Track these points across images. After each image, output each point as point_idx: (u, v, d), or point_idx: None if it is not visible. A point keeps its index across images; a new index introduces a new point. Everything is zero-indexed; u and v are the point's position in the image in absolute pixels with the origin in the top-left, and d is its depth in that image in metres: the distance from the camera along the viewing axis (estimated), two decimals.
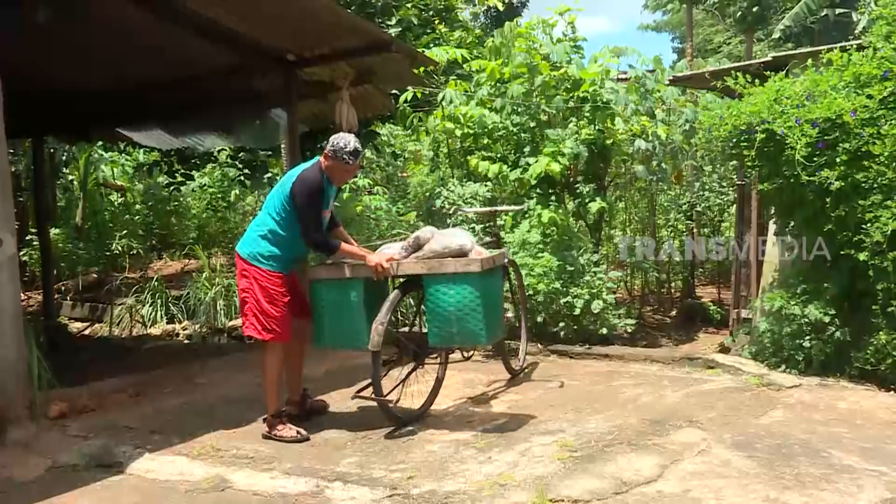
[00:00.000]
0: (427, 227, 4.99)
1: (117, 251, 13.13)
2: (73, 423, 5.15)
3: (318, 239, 4.72)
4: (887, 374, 5.34)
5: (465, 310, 4.50)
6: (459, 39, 11.23)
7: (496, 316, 4.76)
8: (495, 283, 4.84)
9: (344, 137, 4.75)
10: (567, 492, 3.65)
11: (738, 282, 7.62)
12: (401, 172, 11.82)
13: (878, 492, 3.55)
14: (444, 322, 4.57)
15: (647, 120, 8.29)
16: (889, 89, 5.34)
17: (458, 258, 4.59)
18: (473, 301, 4.48)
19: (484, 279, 4.54)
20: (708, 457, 4.09)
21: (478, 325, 4.50)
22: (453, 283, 4.51)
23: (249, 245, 4.81)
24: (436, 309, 4.59)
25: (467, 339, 4.62)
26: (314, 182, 4.68)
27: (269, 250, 4.75)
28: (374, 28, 7.47)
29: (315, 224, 4.69)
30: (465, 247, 4.63)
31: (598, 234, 8.69)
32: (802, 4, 18.30)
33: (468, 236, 4.77)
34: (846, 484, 3.64)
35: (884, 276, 5.29)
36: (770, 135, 5.69)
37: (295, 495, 3.82)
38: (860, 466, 3.86)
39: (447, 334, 4.60)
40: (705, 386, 5.67)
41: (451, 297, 4.52)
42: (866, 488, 3.59)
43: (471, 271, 4.50)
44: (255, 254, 4.76)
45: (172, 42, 7.17)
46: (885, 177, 5.22)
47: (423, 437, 4.65)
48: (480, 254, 4.68)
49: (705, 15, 29.61)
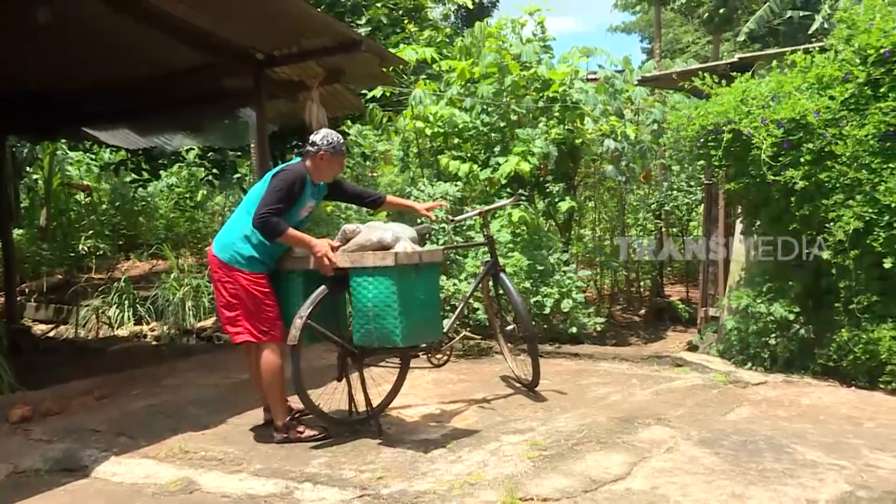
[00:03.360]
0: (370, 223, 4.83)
1: (83, 252, 12.96)
2: (36, 427, 5.07)
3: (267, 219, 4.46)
4: (849, 370, 5.44)
5: (381, 305, 4.32)
6: (429, 39, 11.24)
7: (421, 316, 4.51)
8: (424, 281, 4.56)
9: (331, 132, 4.79)
10: (537, 490, 3.67)
11: (706, 280, 7.69)
12: (371, 172, 11.81)
13: (839, 485, 3.62)
14: (364, 318, 4.40)
15: (617, 120, 8.36)
16: (850, 91, 5.44)
17: (378, 251, 4.41)
18: (389, 297, 4.30)
19: (404, 275, 4.35)
20: (675, 454, 4.13)
21: (393, 323, 4.30)
22: (371, 277, 4.34)
23: (229, 247, 4.67)
24: (357, 304, 4.42)
25: (384, 337, 4.38)
26: (296, 176, 4.62)
27: (251, 252, 4.62)
28: (343, 27, 7.45)
29: (272, 210, 4.51)
30: (384, 240, 4.44)
31: (567, 233, 8.76)
32: (767, 7, 18.56)
33: (397, 230, 4.57)
34: (809, 478, 3.70)
35: (846, 274, 5.39)
36: (736, 135, 5.76)
37: (264, 497, 3.80)
38: (822, 461, 3.93)
39: (366, 331, 4.42)
40: (673, 384, 5.74)
41: (369, 292, 4.35)
42: (828, 482, 3.66)
43: (386, 265, 4.30)
44: (237, 256, 4.63)
45: (139, 40, 7.10)
46: (847, 177, 5.32)
47: (393, 437, 4.64)
48: (405, 249, 4.44)
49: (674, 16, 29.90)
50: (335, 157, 4.73)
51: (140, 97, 8.78)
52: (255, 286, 4.62)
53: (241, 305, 4.64)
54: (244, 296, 4.62)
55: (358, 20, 10.40)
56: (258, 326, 4.62)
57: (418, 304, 4.47)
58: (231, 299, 4.65)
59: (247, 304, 4.63)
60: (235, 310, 4.65)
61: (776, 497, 3.49)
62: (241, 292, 4.62)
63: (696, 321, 7.88)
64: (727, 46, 22.97)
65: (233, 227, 4.74)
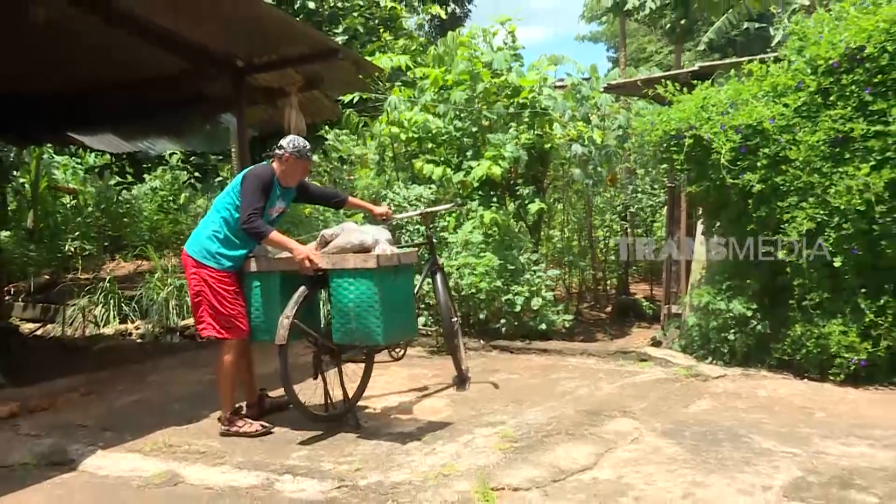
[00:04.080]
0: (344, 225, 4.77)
1: (69, 253, 12.84)
2: (24, 423, 5.03)
3: (254, 222, 4.52)
4: (802, 363, 5.51)
5: (363, 305, 4.34)
6: (404, 47, 11.22)
7: (399, 316, 4.54)
8: (401, 282, 4.59)
9: (298, 137, 4.87)
10: (508, 480, 3.69)
11: (669, 279, 7.74)
12: (347, 175, 11.78)
13: (792, 471, 3.68)
14: (344, 318, 4.41)
15: (584, 125, 8.39)
16: (802, 99, 5.51)
17: (359, 254, 4.43)
18: (371, 297, 4.32)
19: (384, 276, 4.37)
20: (640, 445, 4.17)
21: (375, 322, 4.32)
22: (353, 279, 4.36)
23: (198, 244, 4.72)
24: (337, 304, 4.43)
25: (365, 336, 4.40)
26: (264, 176, 4.67)
27: (218, 249, 4.67)
28: (321, 36, 7.44)
29: (256, 210, 4.56)
30: (365, 242, 4.46)
31: (537, 234, 8.77)
32: (725, 18, 18.76)
33: (376, 233, 4.59)
34: (764, 466, 3.76)
35: (800, 272, 5.46)
36: (697, 140, 5.82)
37: (246, 488, 3.79)
38: (777, 449, 3.99)
39: (347, 330, 4.43)
40: (638, 378, 5.78)
41: (350, 293, 4.37)
42: (782, 469, 3.71)
43: (368, 267, 4.33)
44: (204, 253, 4.68)
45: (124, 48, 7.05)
46: (801, 180, 5.39)
47: (370, 430, 4.65)
48: (385, 251, 4.47)
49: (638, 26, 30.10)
50: (300, 161, 4.78)
51: (124, 103, 8.69)
52: (220, 284, 4.67)
53: (205, 301, 4.69)
54: (209, 292, 4.66)
55: (335, 29, 10.37)
56: (220, 322, 4.67)
57: (397, 303, 4.50)
58: (196, 295, 4.72)
59: (211, 301, 4.67)
60: (200, 305, 4.71)
61: (734, 483, 3.54)
62: (206, 289, 4.67)
63: (660, 318, 7.92)
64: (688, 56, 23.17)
65: (203, 226, 4.80)
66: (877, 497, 3.35)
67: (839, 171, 5.26)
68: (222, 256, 4.68)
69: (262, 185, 4.63)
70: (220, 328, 4.68)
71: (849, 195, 5.17)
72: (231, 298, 4.68)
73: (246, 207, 4.55)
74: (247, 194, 4.59)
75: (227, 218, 4.70)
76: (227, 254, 4.69)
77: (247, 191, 4.60)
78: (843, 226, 5.23)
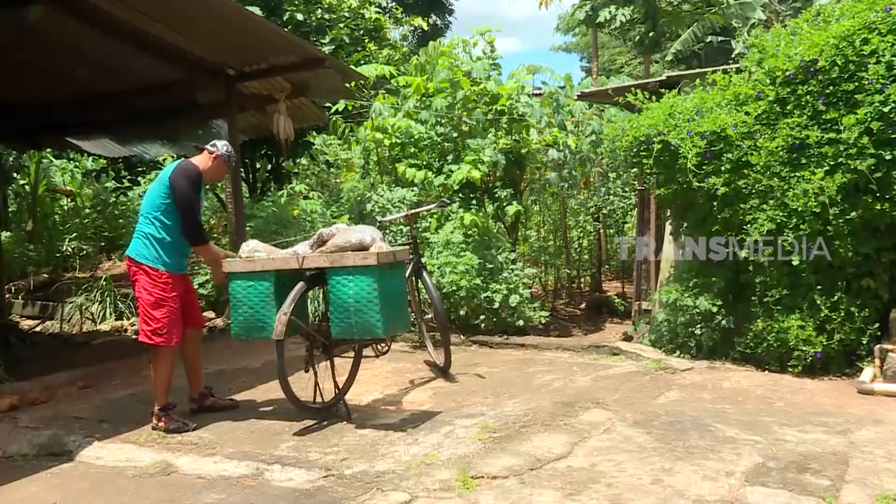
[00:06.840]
0: (337, 225, 4.83)
1: (67, 253, 12.74)
2: (23, 415, 4.98)
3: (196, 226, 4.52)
4: (763, 356, 5.55)
5: (363, 301, 4.33)
6: (388, 57, 11.21)
7: (396, 310, 4.57)
8: (396, 278, 4.63)
9: (227, 143, 4.85)
10: (487, 469, 3.69)
11: (640, 277, 7.77)
12: (334, 178, 11.74)
13: (753, 458, 3.70)
14: (344, 313, 4.40)
15: (559, 131, 8.42)
16: (762, 108, 5.55)
17: (358, 252, 4.43)
18: (371, 293, 4.32)
19: (382, 273, 4.38)
20: (612, 434, 4.18)
21: (375, 317, 4.33)
22: (352, 276, 4.35)
23: (135, 246, 4.59)
24: (337, 301, 4.42)
25: (365, 330, 4.40)
26: (194, 173, 4.59)
27: (153, 250, 4.54)
28: (309, 46, 7.40)
29: (197, 211, 4.55)
30: (363, 241, 4.46)
31: (514, 234, 8.79)
32: (690, 31, 18.90)
33: (372, 232, 4.59)
34: (728, 453, 3.78)
35: (761, 270, 5.50)
36: (665, 145, 5.84)
37: (237, 477, 3.77)
38: (740, 437, 4.01)
39: (347, 325, 4.41)
40: (610, 371, 5.80)
41: (350, 289, 4.36)
42: (744, 455, 3.74)
43: (368, 264, 4.33)
44: (141, 255, 4.55)
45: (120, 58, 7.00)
46: (761, 183, 5.42)
47: (356, 422, 4.63)
48: (381, 249, 4.48)
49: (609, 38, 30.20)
50: (224, 165, 4.80)
51: (119, 109, 8.62)
52: (154, 287, 4.52)
53: (141, 304, 4.55)
54: (143, 294, 4.53)
55: (322, 39, 10.32)
56: (150, 326, 4.52)
57: (393, 298, 4.53)
58: (137, 298, 4.60)
59: (143, 303, 4.53)
60: (138, 308, 4.60)
61: (699, 470, 3.56)
62: (141, 291, 4.54)
63: (631, 314, 7.95)
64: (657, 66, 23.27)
65: (138, 227, 4.66)
66: (829, 479, 3.38)
67: (796, 176, 5.29)
68: (157, 259, 4.56)
69: (195, 182, 4.58)
70: (150, 333, 4.53)
71: (805, 198, 5.21)
72: (165, 304, 4.54)
73: (188, 212, 4.53)
74: (183, 196, 4.53)
75: (157, 217, 4.57)
76: (161, 254, 4.56)
77: (183, 193, 4.52)
78: (800, 227, 5.27)
